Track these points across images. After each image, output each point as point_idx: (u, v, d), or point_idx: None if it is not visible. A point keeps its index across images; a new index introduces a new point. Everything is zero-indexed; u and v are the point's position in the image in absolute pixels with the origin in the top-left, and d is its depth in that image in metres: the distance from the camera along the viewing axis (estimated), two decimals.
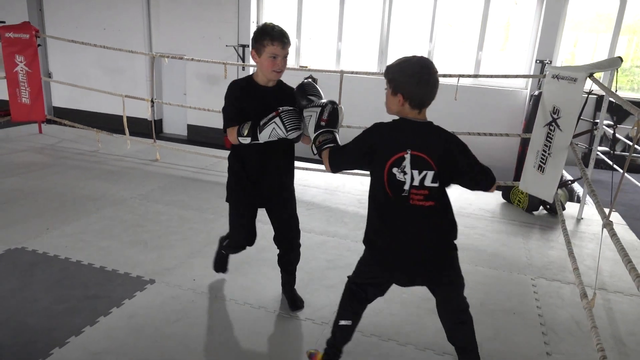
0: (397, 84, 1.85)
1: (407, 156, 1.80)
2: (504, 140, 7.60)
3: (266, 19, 9.92)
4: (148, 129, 6.13)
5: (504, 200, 5.03)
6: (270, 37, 2.31)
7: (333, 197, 4.85)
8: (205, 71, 10.20)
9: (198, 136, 10.50)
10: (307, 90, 2.31)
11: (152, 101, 5.75)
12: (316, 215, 4.33)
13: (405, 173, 1.81)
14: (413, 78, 1.81)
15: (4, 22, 11.09)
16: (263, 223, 2.78)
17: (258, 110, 2.27)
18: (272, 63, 2.35)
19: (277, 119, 2.18)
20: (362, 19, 9.30)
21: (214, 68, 9.68)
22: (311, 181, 5.30)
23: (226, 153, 2.93)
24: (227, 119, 2.38)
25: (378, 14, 9.03)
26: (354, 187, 5.18)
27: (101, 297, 2.87)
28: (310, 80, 2.40)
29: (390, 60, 1.99)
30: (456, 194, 4.96)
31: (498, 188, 5.26)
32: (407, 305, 2.96)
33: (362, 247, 2.10)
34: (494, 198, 5.09)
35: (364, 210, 4.38)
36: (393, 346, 2.57)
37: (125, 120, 5.81)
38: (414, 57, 1.85)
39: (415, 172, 1.81)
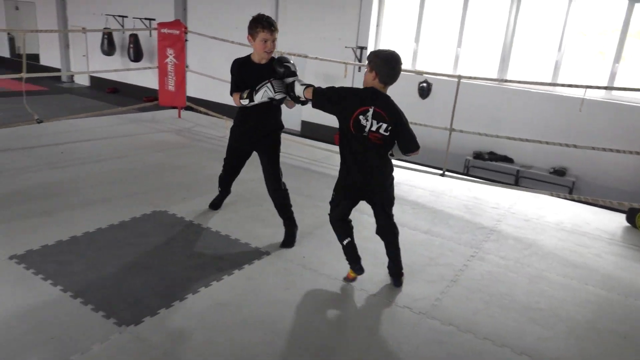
0: (374, 65, 2.74)
1: (371, 110, 2.72)
2: (636, 159, 6.97)
3: (386, 22, 10.12)
4: None
5: (628, 224, 4.67)
6: (262, 25, 3.14)
7: (439, 200, 4.90)
8: (323, 70, 10.68)
9: (311, 132, 11.04)
10: (282, 60, 3.11)
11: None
12: (421, 215, 4.43)
13: (367, 120, 2.73)
14: (385, 62, 2.73)
15: (154, 19, 12.65)
16: (369, 215, 3.00)
17: (254, 81, 3.15)
18: (264, 45, 3.18)
19: (268, 84, 3.08)
20: (485, 23, 9.07)
21: (332, 67, 10.11)
22: (417, 182, 5.39)
23: (336, 148, 3.29)
24: (232, 86, 3.30)
25: (502, 19, 8.75)
26: (462, 193, 5.17)
27: (225, 259, 3.30)
28: (284, 55, 3.26)
29: (513, 67, 2.29)
30: (572, 213, 4.76)
31: (622, 210, 4.90)
32: (507, 310, 2.98)
33: (464, 250, 2.20)
34: (617, 220, 4.76)
35: (470, 215, 4.43)
36: (489, 346, 2.62)
37: None
38: (388, 50, 2.75)
39: (374, 122, 2.72)
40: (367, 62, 2.79)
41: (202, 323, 2.60)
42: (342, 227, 3.05)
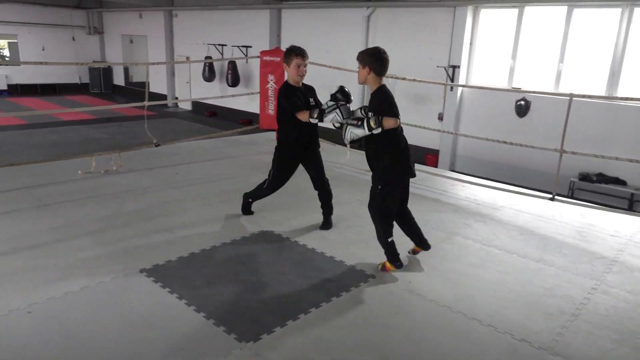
0: (365, 62, 3.20)
1: None
2: None
3: (480, 40, 9.86)
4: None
5: None
6: (295, 53, 3.74)
7: (548, 226, 4.62)
8: (412, 90, 10.63)
9: None
10: (344, 90, 3.50)
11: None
12: (531, 242, 4.20)
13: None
14: (374, 56, 3.19)
15: (250, 46, 13.44)
16: (473, 241, 2.90)
17: (302, 102, 3.76)
18: (297, 70, 3.77)
19: (337, 110, 3.43)
20: (590, 36, 8.50)
21: (421, 87, 10.03)
22: (523, 206, 5.13)
23: (435, 170, 3.23)
24: (296, 106, 3.74)
25: (612, 32, 8.14)
26: (573, 218, 4.83)
27: (333, 280, 3.36)
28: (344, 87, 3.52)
29: (623, 83, 2.17)
30: None
31: None
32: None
33: (583, 281, 2.06)
34: None
35: (585, 243, 4.14)
36: None
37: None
38: (373, 47, 3.28)
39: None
40: (358, 63, 3.25)
41: (316, 344, 2.67)
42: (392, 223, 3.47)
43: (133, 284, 3.19)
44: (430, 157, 10.40)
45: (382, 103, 3.21)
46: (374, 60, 3.20)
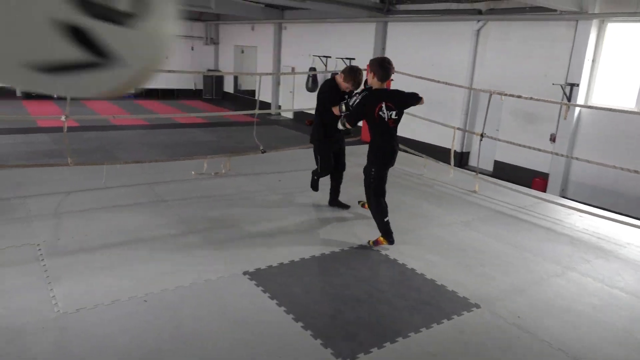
0: (372, 69, 3.82)
1: (383, 104, 3.78)
2: None
3: (604, 56, 9.00)
4: (452, 158, 6.46)
5: None
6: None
7: None
8: (522, 108, 9.99)
9: (503, 173, 10.34)
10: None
11: (481, 135, 6.04)
12: (627, 271, 3.69)
13: (383, 112, 3.79)
14: (379, 65, 3.80)
15: (354, 58, 13.58)
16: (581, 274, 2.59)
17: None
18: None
19: (342, 103, 4.33)
20: None
21: (532, 106, 9.38)
22: (621, 238, 4.53)
23: (545, 195, 2.91)
24: (333, 101, 4.41)
25: None
26: None
27: (433, 305, 3.22)
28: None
29: None
30: None
31: None
32: None
33: None
34: None
35: None
36: None
37: (452, 152, 6.30)
38: (381, 56, 4.33)
39: (387, 112, 3.80)
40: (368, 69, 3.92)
41: None
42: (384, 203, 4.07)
43: (236, 285, 3.32)
44: (537, 180, 9.67)
45: (356, 104, 4.06)
46: (379, 67, 3.82)
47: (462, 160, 10.99)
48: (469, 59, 11.01)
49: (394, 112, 3.83)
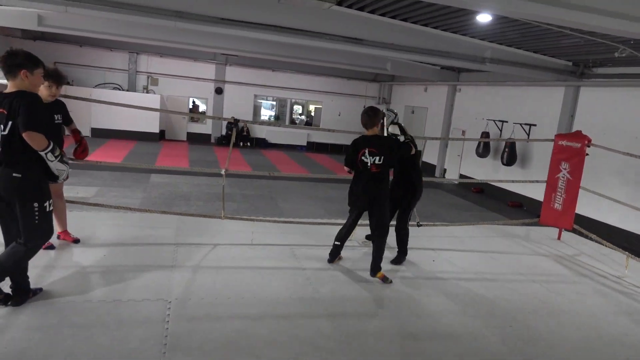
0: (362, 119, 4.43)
1: (367, 150, 4.29)
2: None
3: None
4: None
5: None
6: None
7: None
8: None
9: None
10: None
11: None
12: None
13: (366, 157, 4.30)
14: (363, 115, 4.39)
15: (534, 124, 12.17)
16: None
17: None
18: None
19: None
20: None
21: None
22: None
23: None
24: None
25: None
26: None
27: None
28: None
29: None
30: None
31: None
32: None
33: None
34: None
35: None
36: None
37: None
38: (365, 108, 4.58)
39: (371, 158, 4.28)
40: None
41: None
42: None
43: None
44: None
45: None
46: (362, 117, 4.39)
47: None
48: None
49: (376, 157, 4.26)
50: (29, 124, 2.92)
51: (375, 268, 4.39)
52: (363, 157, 4.28)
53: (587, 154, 5.82)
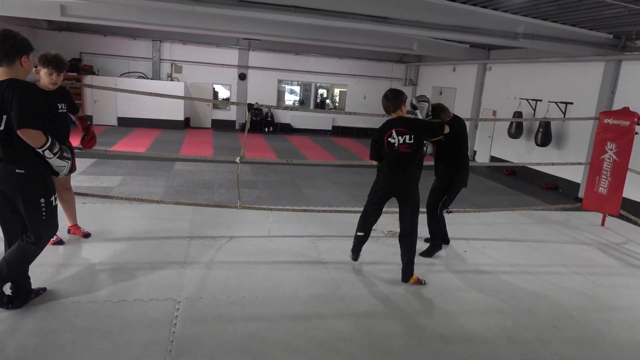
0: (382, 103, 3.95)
1: (394, 131, 3.76)
2: None
3: None
4: None
5: None
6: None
7: None
8: None
9: None
10: None
11: None
12: None
13: (393, 138, 3.76)
14: (383, 99, 3.89)
15: (571, 102, 11.46)
16: None
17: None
18: None
19: None
20: None
21: None
22: None
23: None
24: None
25: None
26: None
27: None
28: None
29: None
30: None
31: None
32: None
33: None
34: None
35: None
36: None
37: None
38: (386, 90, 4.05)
39: (399, 137, 3.75)
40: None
41: None
42: None
43: None
44: None
45: None
46: (383, 101, 3.92)
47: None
48: None
49: (405, 137, 3.77)
50: (23, 120, 2.67)
51: (406, 272, 3.84)
52: (390, 139, 3.72)
53: (637, 133, 5.27)
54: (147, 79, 17.42)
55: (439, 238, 4.60)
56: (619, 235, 5.63)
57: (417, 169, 3.90)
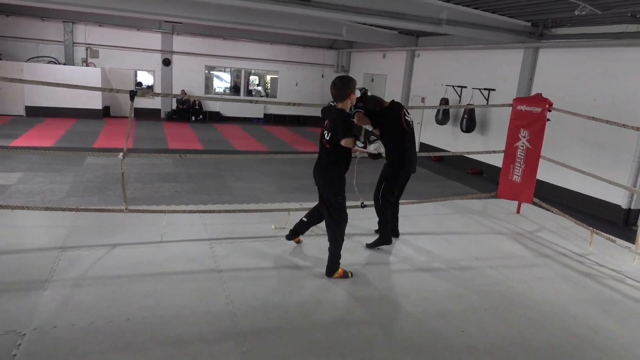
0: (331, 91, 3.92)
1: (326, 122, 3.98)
2: None
3: None
4: (618, 219, 4.39)
5: None
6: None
7: None
8: None
9: None
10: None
11: None
12: None
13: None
14: (331, 86, 3.82)
15: (494, 89, 11.67)
16: None
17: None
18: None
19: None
20: None
21: None
22: None
23: None
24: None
25: None
26: None
27: None
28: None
29: None
30: None
31: None
32: None
33: None
34: None
35: None
36: None
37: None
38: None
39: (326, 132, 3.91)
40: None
41: None
42: None
43: None
44: None
45: None
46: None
47: (629, 220, 8.32)
48: None
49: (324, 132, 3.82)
50: None
51: (331, 266, 3.68)
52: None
53: (549, 119, 5.24)
54: (59, 64, 15.94)
55: (385, 230, 4.37)
56: (533, 223, 5.63)
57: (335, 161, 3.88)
